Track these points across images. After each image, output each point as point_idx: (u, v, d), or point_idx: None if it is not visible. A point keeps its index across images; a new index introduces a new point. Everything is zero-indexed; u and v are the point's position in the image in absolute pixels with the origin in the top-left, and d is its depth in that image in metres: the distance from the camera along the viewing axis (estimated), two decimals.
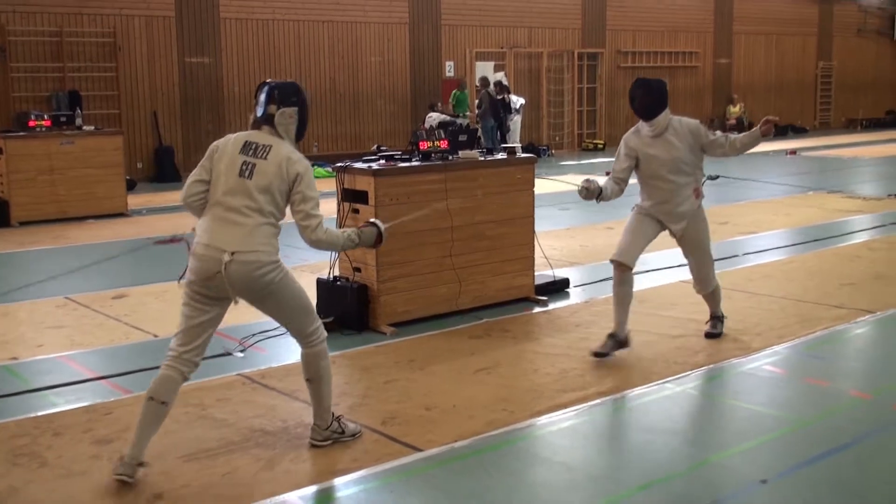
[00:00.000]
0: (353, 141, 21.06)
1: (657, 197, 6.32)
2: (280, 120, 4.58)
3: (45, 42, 17.18)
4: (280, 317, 4.70)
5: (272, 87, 4.64)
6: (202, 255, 4.40)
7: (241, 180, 4.43)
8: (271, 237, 4.48)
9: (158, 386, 4.45)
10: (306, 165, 4.51)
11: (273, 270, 4.45)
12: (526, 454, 4.85)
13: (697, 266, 6.59)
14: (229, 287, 4.37)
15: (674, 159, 6.21)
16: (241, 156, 4.49)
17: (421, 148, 7.33)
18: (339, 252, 4.67)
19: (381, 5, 21.31)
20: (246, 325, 7.19)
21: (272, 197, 4.44)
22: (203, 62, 18.91)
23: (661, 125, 6.22)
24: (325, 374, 4.76)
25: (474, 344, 6.71)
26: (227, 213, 4.42)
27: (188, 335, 4.49)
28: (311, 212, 4.47)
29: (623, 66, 26.38)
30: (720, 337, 6.67)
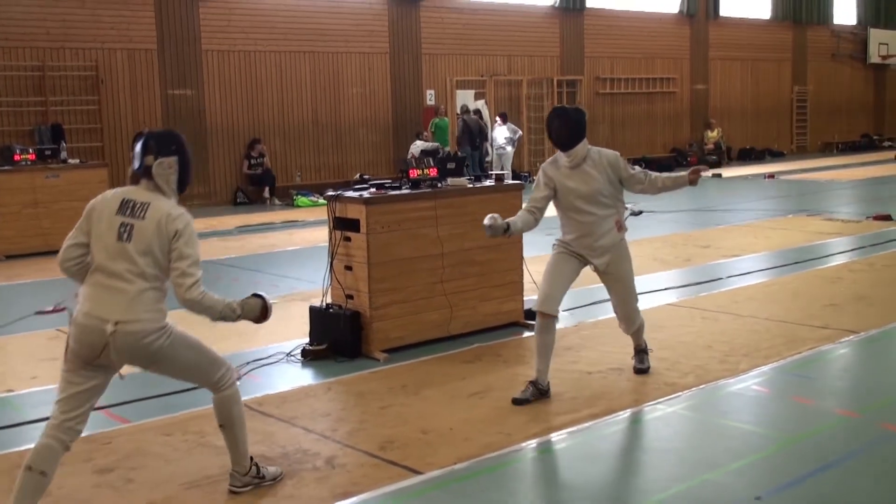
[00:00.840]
0: (336, 171, 21.16)
1: (577, 230, 6.09)
2: (158, 171, 4.29)
3: (27, 77, 17.23)
4: (179, 376, 4.55)
5: (147, 137, 4.36)
6: (84, 324, 4.16)
7: (120, 244, 4.18)
8: (157, 302, 4.24)
9: (38, 455, 4.17)
10: (186, 221, 4.25)
11: (160, 338, 4.23)
12: (524, 475, 4.93)
13: (621, 302, 6.32)
14: (115, 357, 4.17)
15: (593, 191, 5.98)
16: (118, 217, 4.22)
17: (410, 176, 7.44)
18: (215, 319, 4.32)
19: (361, 36, 21.50)
20: (240, 353, 7.28)
21: (153, 259, 4.20)
22: (185, 94, 19.01)
23: (578, 156, 6.00)
24: (237, 419, 4.57)
25: (466, 368, 6.80)
26: (109, 279, 4.17)
27: (70, 403, 4.22)
28: (186, 270, 4.18)
29: (602, 92, 26.67)
30: (648, 372, 6.48)
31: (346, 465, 4.99)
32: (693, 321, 8.05)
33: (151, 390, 6.39)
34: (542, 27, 25.22)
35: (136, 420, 5.85)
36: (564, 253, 6.16)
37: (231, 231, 15.43)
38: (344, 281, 7.25)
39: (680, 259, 11.42)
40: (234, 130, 19.78)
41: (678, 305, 8.72)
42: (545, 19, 25.30)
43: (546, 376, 6.00)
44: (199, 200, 19.25)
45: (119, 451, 5.27)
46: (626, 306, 6.32)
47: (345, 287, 7.24)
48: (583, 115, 6.12)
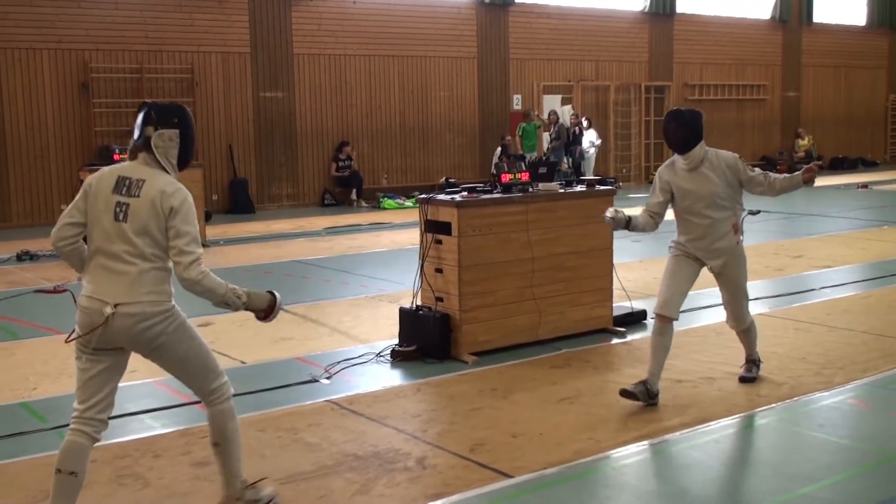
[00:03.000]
0: (422, 173, 21.31)
1: (693, 233, 6.08)
2: (158, 142, 4.07)
3: (125, 78, 17.71)
4: (176, 372, 4.25)
5: (150, 108, 4.14)
6: (85, 307, 4.01)
7: (117, 224, 3.99)
8: (160, 283, 4.03)
9: (65, 456, 4.04)
10: (183, 197, 4.01)
11: (161, 322, 4.02)
12: (615, 482, 4.91)
13: (731, 300, 6.34)
14: (98, 339, 3.98)
15: (710, 194, 5.98)
16: (114, 196, 4.02)
17: (502, 180, 7.46)
18: (218, 304, 4.11)
19: (450, 40, 21.61)
20: (331, 352, 7.40)
21: (152, 238, 3.99)
22: (277, 96, 19.34)
23: (696, 158, 6.00)
24: (231, 437, 4.31)
25: (556, 373, 6.79)
26: (108, 260, 4.00)
27: (86, 391, 4.06)
28: (184, 248, 3.97)
29: (690, 98, 26.32)
30: (755, 382, 6.39)
31: (437, 466, 5.03)
32: (786, 332, 7.91)
33: (241, 387, 6.52)
34: (631, 32, 25.02)
35: None
36: (681, 255, 6.15)
37: (319, 232, 15.63)
38: (434, 283, 7.30)
39: (771, 269, 11.22)
40: (322, 133, 20.04)
41: (770, 316, 8.57)
42: (634, 24, 25.09)
43: (658, 380, 5.98)
44: (288, 201, 19.60)
45: None
46: (735, 304, 6.33)
47: (435, 289, 7.29)
48: (699, 117, 6.10)
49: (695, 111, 6.19)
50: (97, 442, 4.12)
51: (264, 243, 14.36)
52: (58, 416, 5.80)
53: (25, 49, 16.66)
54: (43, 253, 12.93)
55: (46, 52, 16.88)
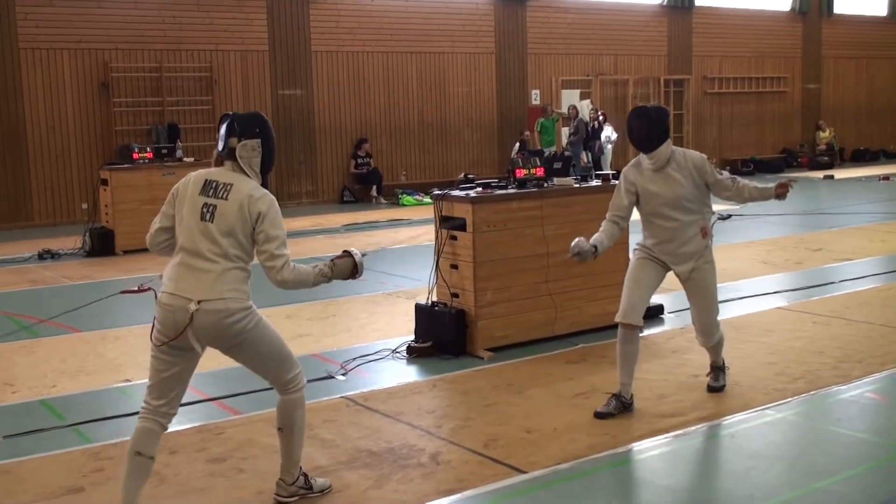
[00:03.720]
0: (441, 169, 21.32)
1: (660, 236, 5.78)
2: (242, 153, 4.25)
3: (145, 77, 17.80)
4: (255, 366, 4.43)
5: (232, 119, 4.31)
6: (167, 304, 4.14)
7: (203, 224, 4.15)
8: (240, 282, 4.21)
9: (142, 440, 4.22)
10: (269, 202, 4.19)
11: (244, 318, 4.19)
12: (629, 477, 4.91)
13: (700, 313, 5.93)
14: (193, 338, 4.11)
15: (677, 196, 5.67)
16: (201, 197, 4.19)
17: (517, 175, 7.46)
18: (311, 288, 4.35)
19: (468, 36, 21.60)
20: (347, 348, 7.43)
21: (236, 240, 4.16)
22: (295, 94, 19.39)
23: (662, 158, 5.67)
24: (298, 424, 4.48)
25: (571, 369, 6.79)
26: (192, 259, 4.14)
27: (160, 389, 4.24)
28: (275, 252, 4.16)
29: (710, 92, 26.23)
30: (723, 391, 6.11)
31: (450, 462, 5.04)
32: (804, 326, 7.87)
33: (262, 383, 6.55)
34: (650, 26, 24.92)
35: (246, 412, 6.01)
36: (646, 258, 5.86)
37: (338, 229, 15.67)
38: (449, 279, 7.31)
39: (791, 262, 11.16)
40: (341, 129, 20.09)
41: (789, 309, 8.53)
42: (653, 18, 25.00)
43: (630, 389, 5.75)
44: (308, 198, 19.66)
45: (231, 442, 5.43)
46: (705, 318, 5.93)
47: (450, 285, 7.30)
48: (665, 114, 5.84)
49: (661, 108, 5.94)
50: (165, 430, 4.33)
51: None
52: (75, 413, 5.86)
53: (46, 49, 16.78)
54: (64, 251, 13.04)
55: (66, 51, 17.00)
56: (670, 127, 5.83)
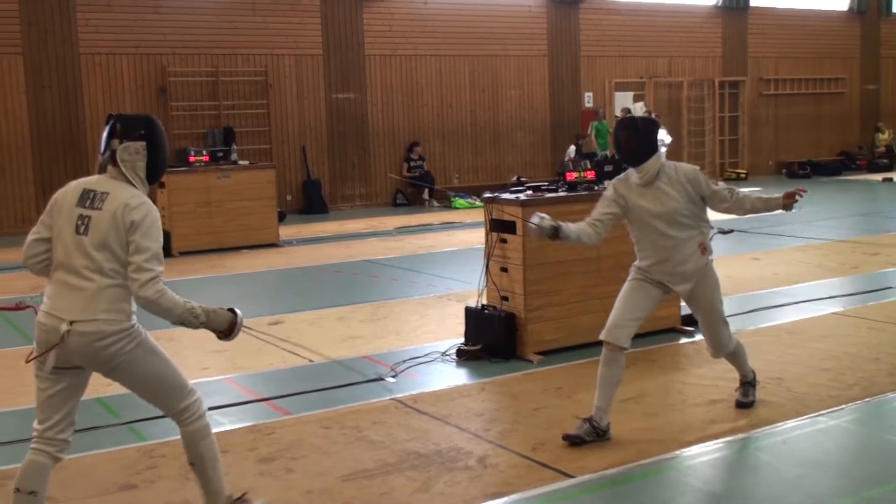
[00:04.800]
0: (493, 172, 21.32)
1: (655, 256, 5.44)
2: (123, 156, 3.92)
3: (201, 82, 18.05)
4: (138, 392, 4.08)
5: (115, 120, 3.99)
6: (42, 323, 3.86)
7: (77, 238, 3.84)
8: (118, 300, 3.85)
9: (24, 474, 3.91)
10: (145, 212, 3.84)
11: (119, 341, 3.84)
12: (677, 483, 4.87)
13: (706, 328, 5.68)
14: (53, 358, 3.81)
15: (670, 211, 5.34)
16: (77, 208, 3.89)
17: (567, 179, 7.45)
18: (175, 323, 3.89)
19: (520, 39, 21.59)
20: (397, 351, 7.47)
21: (111, 253, 3.82)
22: (349, 98, 19.53)
23: (650, 172, 5.36)
24: (208, 456, 4.14)
25: None
26: (67, 275, 3.85)
27: (44, 411, 3.92)
28: (142, 264, 3.77)
29: (766, 93, 25.91)
30: (752, 406, 5.84)
31: (498, 465, 5.05)
32: (859, 331, 7.75)
33: (311, 384, 6.63)
34: (704, 27, 24.70)
35: (296, 412, 6.07)
36: (640, 280, 5.52)
37: (390, 232, 15.75)
38: (499, 282, 7.31)
39: (847, 266, 10.99)
40: (394, 133, 20.19)
41: (844, 315, 8.40)
42: (707, 19, 24.76)
43: (606, 415, 5.36)
44: (361, 201, 19.78)
45: (280, 442, 5.49)
46: (711, 332, 5.67)
47: (500, 288, 7.30)
48: (654, 125, 5.54)
49: (649, 119, 5.72)
50: (59, 461, 3.99)
51: (336, 243, 14.52)
52: (131, 411, 5.96)
53: (106, 54, 17.09)
54: None
55: (126, 56, 17.30)
56: (658, 140, 5.51)
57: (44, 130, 16.60)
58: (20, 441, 5.52)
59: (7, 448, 5.51)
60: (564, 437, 5.32)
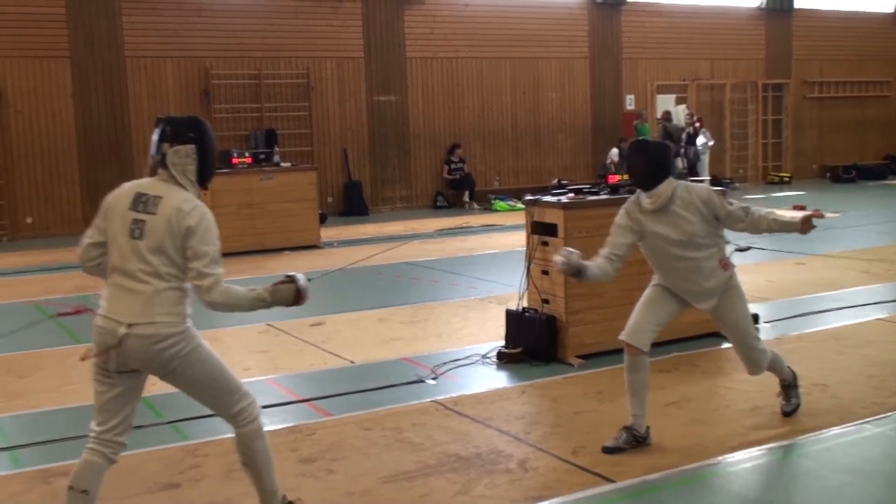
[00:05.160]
0: (533, 175, 21.29)
1: (674, 276, 5.34)
2: (174, 160, 3.97)
3: (244, 84, 18.21)
4: (194, 395, 4.13)
5: (165, 123, 4.05)
6: (100, 326, 3.90)
7: (132, 242, 3.88)
8: (175, 304, 3.90)
9: (79, 473, 3.97)
10: (200, 216, 3.88)
11: (177, 343, 3.89)
12: (720, 490, 4.83)
13: (741, 347, 5.49)
14: (114, 361, 3.87)
15: (687, 234, 5.20)
16: (131, 213, 3.92)
17: (609, 181, 7.42)
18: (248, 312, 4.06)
19: (562, 41, 21.54)
20: (438, 353, 7.48)
21: (167, 257, 3.86)
22: (390, 100, 19.59)
23: (662, 196, 5.20)
24: (261, 458, 4.19)
25: (663, 378, 6.70)
26: (124, 279, 3.89)
27: (103, 413, 3.98)
28: (203, 270, 3.82)
29: (810, 96, 25.63)
30: (797, 411, 5.73)
31: (538, 469, 5.04)
32: None
33: (353, 385, 6.66)
34: (748, 29, 24.49)
35: (337, 413, 6.10)
36: (663, 287, 5.43)
37: (431, 234, 15.77)
38: (540, 285, 7.30)
39: (892, 272, 10.83)
40: (435, 135, 20.22)
41: (889, 321, 8.28)
42: (750, 21, 24.55)
43: (643, 421, 5.30)
44: (401, 203, 19.83)
45: (322, 443, 5.52)
46: (745, 349, 5.50)
47: (541, 291, 7.29)
48: (667, 150, 5.40)
49: (663, 143, 5.60)
50: (114, 463, 4.04)
51: (377, 245, 14.55)
52: (174, 411, 6.03)
53: (151, 58, 17.30)
54: None
55: (170, 60, 17.49)
56: (671, 164, 5.40)
57: (90, 133, 16.83)
58: (67, 439, 5.64)
59: (56, 446, 5.60)
60: (604, 450, 5.25)
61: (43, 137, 16.54)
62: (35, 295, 10.59)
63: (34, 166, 16.52)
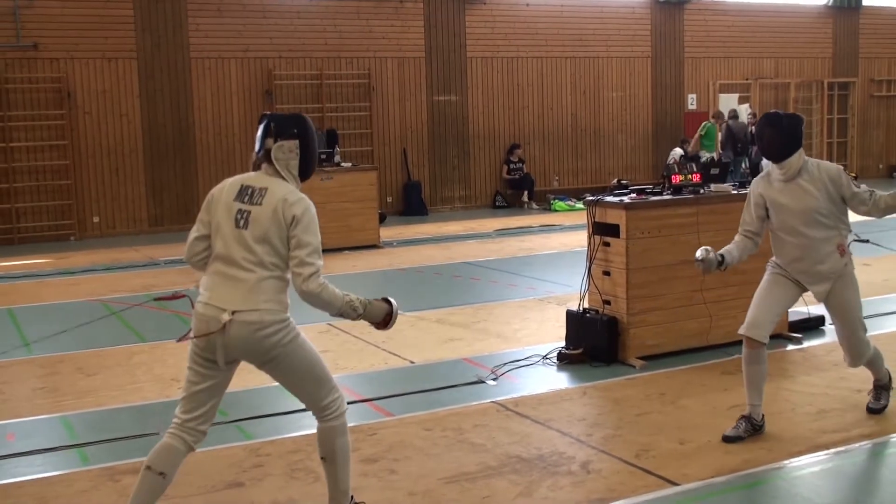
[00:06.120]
0: (593, 175, 21.15)
1: (790, 254, 5.43)
2: (278, 154, 4.06)
3: (306, 84, 18.35)
4: (289, 384, 4.17)
5: (269, 119, 4.13)
6: (202, 314, 3.99)
7: (237, 231, 3.97)
8: (277, 292, 3.98)
9: (158, 455, 4.02)
10: (305, 207, 3.96)
11: (279, 331, 3.96)
12: (786, 494, 4.75)
13: (845, 335, 5.55)
14: (222, 350, 3.95)
15: (808, 209, 5.31)
16: (236, 203, 4.03)
17: (673, 181, 7.34)
18: (335, 315, 4.07)
19: (623, 40, 21.37)
20: (498, 353, 7.46)
21: (272, 247, 3.95)
22: (450, 100, 19.60)
23: (793, 168, 5.32)
24: (341, 454, 4.19)
25: (727, 380, 6.61)
26: (227, 267, 3.98)
27: (192, 401, 4.06)
28: (305, 259, 3.89)
29: (877, 95, 25.12)
30: (883, 412, 5.72)
31: (601, 471, 5.00)
32: None
33: (412, 386, 6.67)
34: (814, 27, 24.06)
35: (398, 413, 6.11)
36: (779, 274, 5.52)
37: (490, 234, 15.76)
38: (602, 286, 7.25)
39: None
40: (494, 135, 20.19)
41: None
42: (817, 19, 24.12)
43: (760, 410, 5.45)
44: (460, 203, 19.84)
45: (383, 443, 5.53)
46: (851, 338, 5.55)
47: (602, 292, 7.23)
48: (799, 121, 5.48)
49: (794, 115, 5.58)
50: (192, 451, 4.10)
51: (436, 245, 14.59)
52: (237, 410, 6.09)
53: (215, 58, 17.51)
54: None
55: (234, 60, 17.69)
56: (802, 136, 5.46)
57: (155, 132, 17.08)
58: (133, 437, 5.73)
59: (122, 444, 5.68)
60: (724, 439, 5.37)
61: (110, 138, 16.83)
62: (101, 293, 10.77)
63: (101, 166, 16.82)
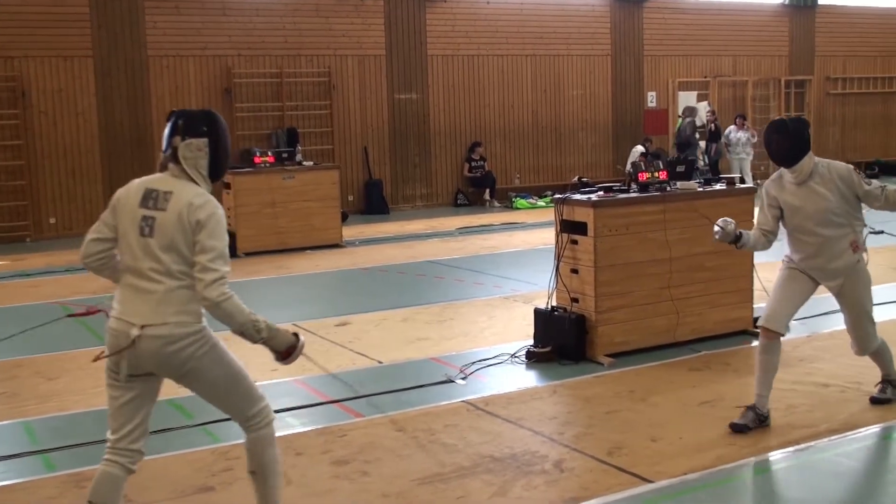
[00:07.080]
0: (554, 173, 21.18)
1: (805, 251, 5.55)
2: (186, 153, 3.81)
3: (266, 83, 18.19)
4: (210, 397, 3.96)
5: (177, 116, 3.89)
6: (114, 329, 3.78)
7: (143, 240, 3.75)
8: (188, 302, 3.75)
9: (97, 487, 3.83)
10: (211, 210, 3.74)
11: (192, 344, 3.75)
12: (759, 490, 4.78)
13: (853, 325, 5.70)
14: (126, 364, 3.75)
15: (822, 210, 5.42)
16: (140, 210, 3.78)
17: (640, 179, 7.35)
18: (235, 332, 3.77)
19: (583, 38, 21.43)
20: (466, 352, 7.43)
21: (179, 254, 3.73)
22: (411, 98, 19.54)
23: (804, 171, 5.45)
24: (271, 465, 4.01)
25: (695, 376, 6.64)
26: (137, 279, 3.76)
27: (118, 418, 3.84)
28: (207, 264, 3.67)
29: (832, 92, 25.42)
30: (888, 404, 5.82)
31: (574, 470, 4.99)
32: None
33: (381, 387, 6.61)
34: (771, 25, 24.29)
35: (368, 414, 6.05)
36: (795, 270, 5.65)
37: (452, 232, 15.72)
38: (570, 283, 7.24)
39: None
40: (456, 133, 20.15)
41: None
42: (774, 17, 24.36)
43: (766, 402, 5.54)
44: (422, 202, 19.78)
45: (354, 445, 5.47)
46: (858, 330, 5.70)
47: (570, 290, 7.23)
48: (805, 125, 5.60)
49: (800, 118, 5.73)
50: (132, 473, 3.91)
51: (398, 243, 14.52)
52: (204, 414, 5.97)
53: (173, 56, 17.29)
54: None
55: (192, 58, 17.48)
56: (810, 138, 5.59)
57: (112, 132, 16.83)
58: (99, 442, 5.59)
59: (84, 449, 5.57)
60: (731, 427, 5.45)
61: (66, 137, 16.56)
62: (60, 296, 10.58)
63: (57, 166, 16.54)
